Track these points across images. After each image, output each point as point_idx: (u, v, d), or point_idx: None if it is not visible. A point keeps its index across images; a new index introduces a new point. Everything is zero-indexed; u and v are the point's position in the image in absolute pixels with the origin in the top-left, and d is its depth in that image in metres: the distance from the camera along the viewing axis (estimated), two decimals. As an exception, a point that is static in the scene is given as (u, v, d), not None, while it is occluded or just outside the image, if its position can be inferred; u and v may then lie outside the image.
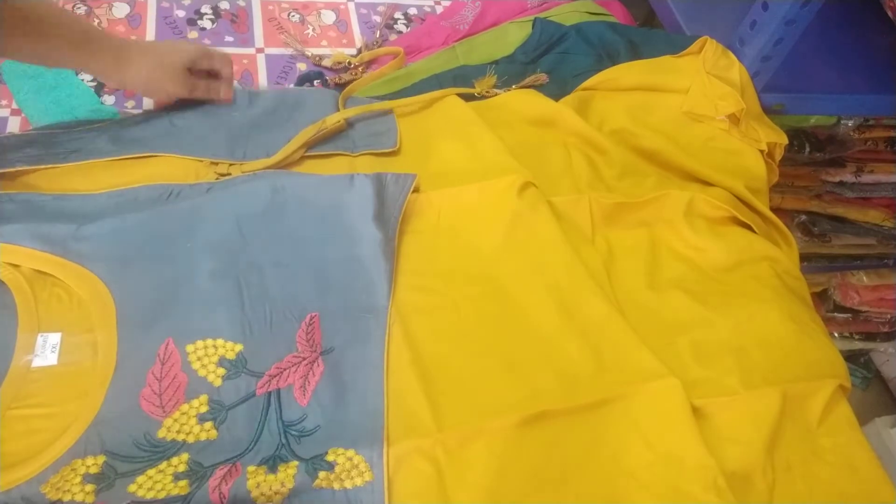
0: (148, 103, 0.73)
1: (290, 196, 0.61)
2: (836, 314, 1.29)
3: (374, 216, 0.60)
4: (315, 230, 0.60)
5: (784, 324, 0.65)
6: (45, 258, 0.54)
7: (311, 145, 0.68)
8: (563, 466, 0.53)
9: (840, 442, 0.60)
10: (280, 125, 0.69)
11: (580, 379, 0.57)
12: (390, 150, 0.70)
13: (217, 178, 0.63)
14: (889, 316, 1.30)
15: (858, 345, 1.38)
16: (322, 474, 0.48)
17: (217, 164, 0.64)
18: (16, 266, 0.53)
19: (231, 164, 0.65)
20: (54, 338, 0.51)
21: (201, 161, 0.64)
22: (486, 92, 0.79)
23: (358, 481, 0.48)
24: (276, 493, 0.47)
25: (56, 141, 0.63)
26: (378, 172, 0.64)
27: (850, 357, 1.44)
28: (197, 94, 0.67)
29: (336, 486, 0.48)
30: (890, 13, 0.82)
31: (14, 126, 0.69)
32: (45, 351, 0.51)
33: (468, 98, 0.78)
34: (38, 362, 0.50)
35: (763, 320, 0.65)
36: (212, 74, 0.69)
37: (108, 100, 0.73)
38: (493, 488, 0.50)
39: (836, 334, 1.34)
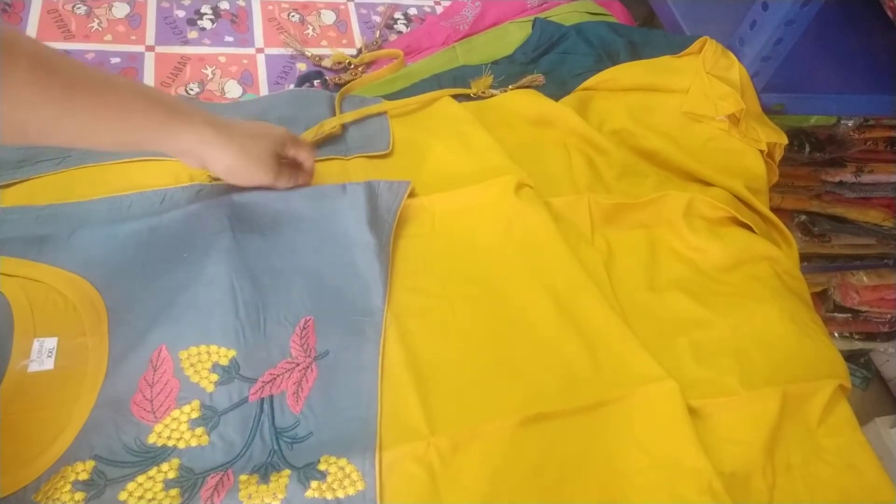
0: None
1: (284, 205, 0.61)
2: (836, 314, 1.29)
3: (368, 223, 0.60)
4: (309, 238, 0.60)
5: (784, 324, 0.65)
6: (37, 267, 0.54)
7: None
8: (558, 470, 0.53)
9: (840, 442, 0.60)
10: None
11: (577, 381, 0.57)
12: (383, 152, 0.70)
13: (210, 181, 0.63)
14: (889, 316, 1.31)
15: (858, 345, 1.38)
16: (314, 484, 0.47)
17: None
18: (11, 276, 0.53)
19: None
20: (51, 342, 0.51)
21: None
22: (483, 92, 0.79)
23: (350, 490, 0.48)
24: None
25: (46, 149, 0.62)
26: (370, 181, 0.63)
27: (850, 357, 1.44)
28: (279, 184, 0.60)
29: (328, 495, 0.47)
30: (890, 13, 0.82)
31: (14, 126, 0.69)
32: (42, 356, 0.51)
33: (466, 99, 0.78)
34: (34, 367, 0.50)
35: (763, 320, 0.65)
36: (294, 164, 0.63)
37: (108, 100, 0.73)
38: (488, 492, 0.50)
39: (836, 334, 1.35)
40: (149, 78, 0.77)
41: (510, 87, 0.80)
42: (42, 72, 0.43)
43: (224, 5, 0.87)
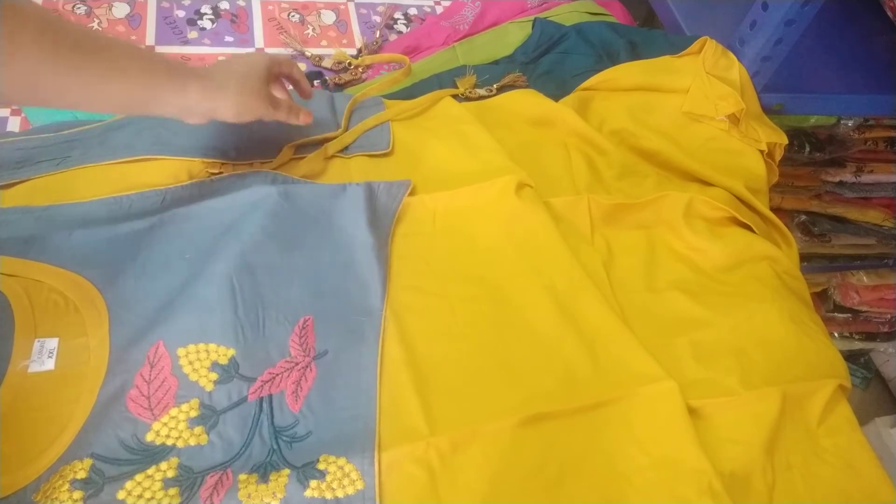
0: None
1: (284, 202, 0.60)
2: (836, 314, 1.29)
3: (367, 223, 0.60)
4: (309, 237, 0.60)
5: (784, 324, 0.65)
6: (38, 267, 0.54)
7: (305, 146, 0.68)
8: (558, 470, 0.53)
9: (840, 442, 0.60)
10: (273, 127, 0.69)
11: (577, 381, 0.57)
12: (384, 151, 0.70)
13: (208, 176, 0.63)
14: (889, 316, 1.31)
15: (858, 345, 1.38)
16: (313, 483, 0.47)
17: (209, 163, 0.64)
18: (12, 276, 0.53)
19: (223, 164, 0.65)
20: (51, 343, 0.51)
21: (193, 161, 0.64)
22: (470, 92, 0.79)
23: (349, 490, 0.48)
24: None
25: (46, 150, 0.63)
26: (370, 182, 0.64)
27: (850, 357, 1.45)
28: (279, 114, 0.61)
29: (328, 495, 0.47)
30: (890, 13, 0.82)
31: (14, 126, 0.69)
32: (43, 356, 0.51)
33: (464, 99, 0.78)
34: (35, 367, 0.50)
35: (763, 320, 0.65)
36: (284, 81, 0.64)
37: (108, 100, 0.73)
38: (488, 493, 0.50)
39: (836, 334, 1.35)
40: (149, 78, 0.77)
41: (495, 85, 0.80)
42: (50, 35, 0.44)
43: (224, 5, 0.87)
